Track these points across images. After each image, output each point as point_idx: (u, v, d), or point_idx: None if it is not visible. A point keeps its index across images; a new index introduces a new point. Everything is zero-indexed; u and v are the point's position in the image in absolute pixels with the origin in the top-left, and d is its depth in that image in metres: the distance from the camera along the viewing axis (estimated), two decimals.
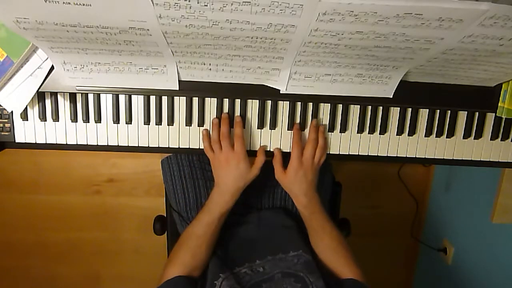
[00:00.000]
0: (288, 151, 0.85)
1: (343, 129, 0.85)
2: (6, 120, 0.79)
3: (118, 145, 0.83)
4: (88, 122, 0.81)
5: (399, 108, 0.84)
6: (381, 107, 0.84)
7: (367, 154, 0.87)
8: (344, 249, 0.83)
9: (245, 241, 0.93)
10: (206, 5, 0.53)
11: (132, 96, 0.80)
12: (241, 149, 0.79)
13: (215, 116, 0.82)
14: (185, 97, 0.81)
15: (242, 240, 0.93)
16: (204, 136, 0.82)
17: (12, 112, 0.79)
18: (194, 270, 0.81)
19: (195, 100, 0.81)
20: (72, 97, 0.79)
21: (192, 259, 0.81)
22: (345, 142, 0.86)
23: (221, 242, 0.90)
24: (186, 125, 0.82)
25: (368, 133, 0.85)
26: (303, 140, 0.83)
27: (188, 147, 0.83)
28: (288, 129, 0.84)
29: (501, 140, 0.87)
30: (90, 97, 0.80)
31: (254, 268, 0.81)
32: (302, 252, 0.83)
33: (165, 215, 1.22)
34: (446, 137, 0.87)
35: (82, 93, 0.79)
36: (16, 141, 0.81)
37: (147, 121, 0.81)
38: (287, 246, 0.85)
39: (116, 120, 0.81)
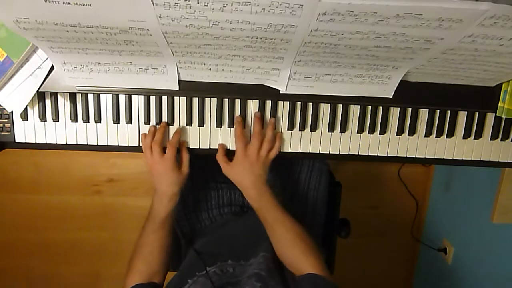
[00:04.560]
0: (289, 151, 0.85)
1: (343, 129, 0.85)
2: (6, 120, 0.79)
3: (118, 145, 0.83)
4: (88, 122, 0.81)
5: (399, 108, 0.84)
6: (381, 107, 0.84)
7: (367, 154, 0.87)
8: (301, 241, 0.80)
9: (226, 240, 0.93)
10: (206, 5, 0.53)
11: (132, 96, 0.80)
12: (170, 157, 0.79)
13: (164, 122, 0.81)
14: (185, 97, 0.81)
15: (224, 238, 0.93)
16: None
17: (12, 112, 0.79)
18: (153, 276, 0.82)
19: (195, 100, 0.81)
20: (72, 97, 0.79)
21: (146, 267, 0.82)
22: (345, 142, 0.86)
23: (205, 237, 0.90)
24: (186, 125, 0.82)
25: (368, 133, 0.85)
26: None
27: (187, 147, 0.83)
28: (288, 129, 0.84)
29: (501, 140, 0.87)
30: (90, 97, 0.80)
31: (224, 268, 0.80)
32: (270, 255, 0.81)
33: None
34: (446, 137, 0.87)
35: (82, 93, 0.79)
36: (16, 141, 0.81)
37: (147, 121, 0.81)
38: (260, 249, 0.84)
39: (116, 120, 0.81)
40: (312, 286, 0.72)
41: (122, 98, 0.80)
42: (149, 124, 0.82)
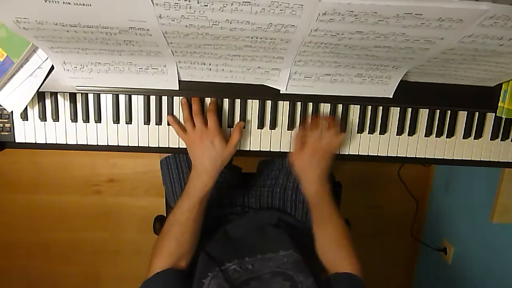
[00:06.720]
0: (288, 150, 0.85)
1: (343, 129, 0.84)
2: (6, 120, 0.79)
3: (118, 145, 0.83)
4: (88, 122, 0.81)
5: (399, 108, 0.84)
6: (381, 107, 0.84)
7: (367, 154, 0.87)
8: (347, 242, 0.82)
9: (236, 238, 0.92)
10: (206, 5, 0.53)
11: (132, 96, 0.80)
12: (215, 125, 0.78)
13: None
14: (185, 97, 0.81)
15: (234, 237, 0.93)
16: (172, 120, 0.80)
17: (12, 112, 0.79)
18: (181, 259, 0.79)
19: None
20: (72, 97, 0.79)
21: (177, 248, 0.79)
22: (345, 142, 0.86)
23: (212, 238, 0.89)
24: None
25: (368, 133, 0.85)
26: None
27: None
28: (288, 129, 0.84)
29: (501, 140, 0.87)
30: (90, 97, 0.80)
31: (243, 265, 0.79)
32: (292, 251, 0.82)
33: (165, 215, 1.22)
34: (446, 137, 0.87)
35: (82, 93, 0.79)
36: (16, 141, 0.81)
37: (147, 121, 0.81)
38: (278, 245, 0.84)
39: (116, 120, 0.81)
40: (348, 285, 0.75)
41: (122, 98, 0.80)
42: (149, 124, 0.82)
